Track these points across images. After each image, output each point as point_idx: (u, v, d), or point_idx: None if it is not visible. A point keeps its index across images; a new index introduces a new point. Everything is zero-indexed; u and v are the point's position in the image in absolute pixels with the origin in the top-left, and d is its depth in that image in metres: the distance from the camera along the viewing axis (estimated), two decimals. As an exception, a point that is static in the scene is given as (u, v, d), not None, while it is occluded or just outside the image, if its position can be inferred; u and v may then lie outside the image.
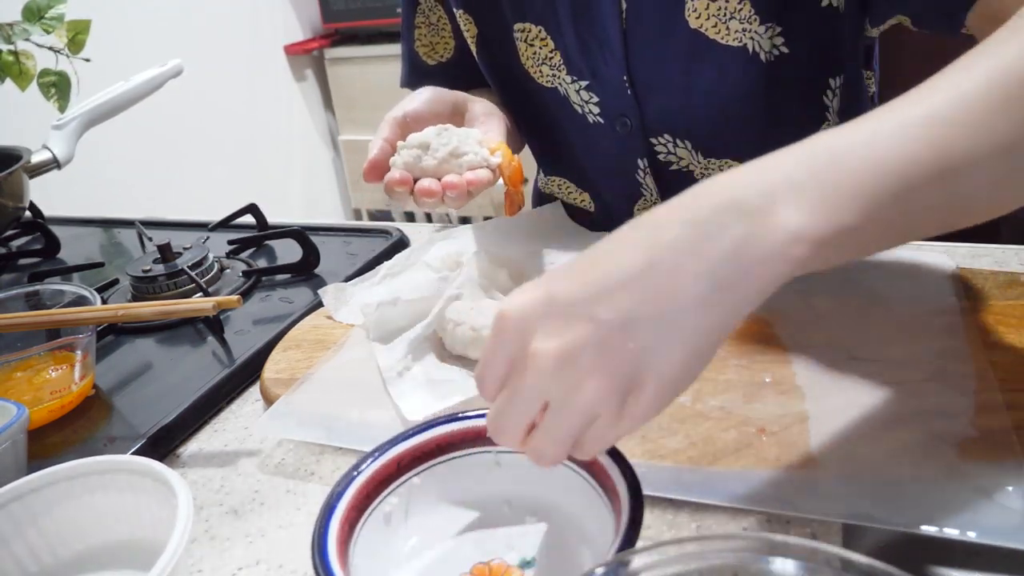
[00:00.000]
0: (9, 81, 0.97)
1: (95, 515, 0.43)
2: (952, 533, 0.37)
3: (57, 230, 0.98)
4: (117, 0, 1.77)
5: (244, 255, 0.85)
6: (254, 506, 0.48)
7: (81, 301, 0.65)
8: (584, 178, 0.78)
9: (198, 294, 0.74)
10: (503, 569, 0.39)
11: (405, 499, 0.41)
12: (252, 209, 0.90)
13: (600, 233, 0.71)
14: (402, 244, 0.83)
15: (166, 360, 0.66)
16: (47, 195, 1.06)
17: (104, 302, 0.69)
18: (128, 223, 1.00)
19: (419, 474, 0.41)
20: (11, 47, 0.96)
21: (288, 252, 0.82)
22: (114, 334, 0.70)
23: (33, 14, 0.96)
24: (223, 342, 0.67)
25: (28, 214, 0.97)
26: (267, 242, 0.86)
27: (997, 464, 0.40)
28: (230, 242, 0.85)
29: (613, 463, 0.37)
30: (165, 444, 0.55)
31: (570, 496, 0.39)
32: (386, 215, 2.48)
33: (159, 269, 0.76)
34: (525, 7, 0.69)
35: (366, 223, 1.00)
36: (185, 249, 0.80)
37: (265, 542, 0.45)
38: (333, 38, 2.38)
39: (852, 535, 0.39)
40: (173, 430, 0.56)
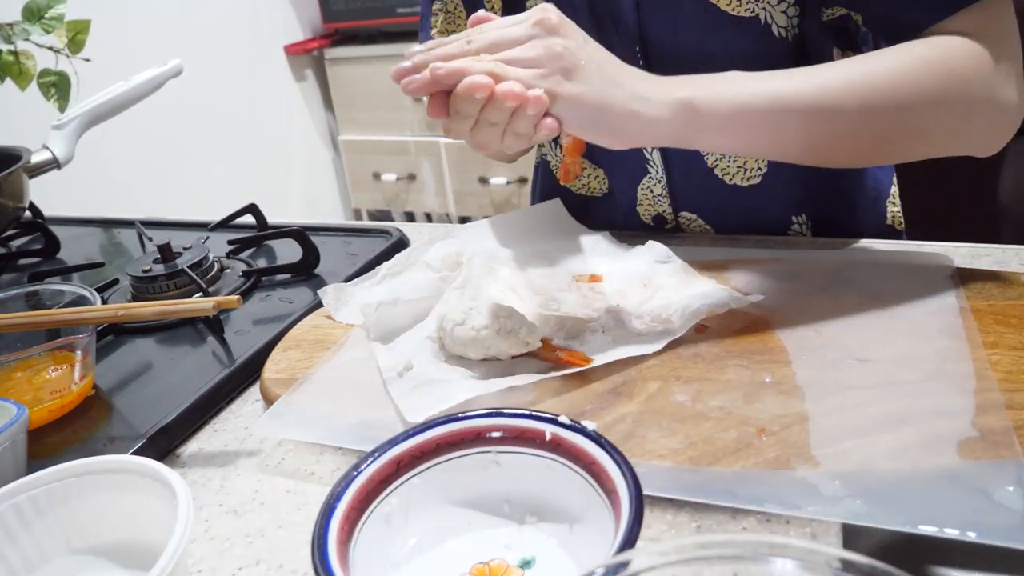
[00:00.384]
0: (9, 81, 0.97)
1: (95, 515, 0.43)
2: (952, 533, 0.37)
3: (57, 230, 0.98)
4: (117, 0, 1.77)
5: (244, 255, 0.85)
6: (254, 506, 0.48)
7: (81, 301, 0.65)
8: (595, 155, 0.80)
9: (198, 294, 0.74)
10: (503, 569, 0.39)
11: (405, 499, 0.41)
12: (252, 209, 0.90)
13: (602, 233, 0.72)
14: (402, 244, 0.83)
15: (166, 360, 0.66)
16: (47, 195, 1.06)
17: (104, 302, 0.69)
18: (128, 223, 1.00)
19: (419, 474, 0.41)
20: (11, 47, 0.96)
21: (288, 252, 0.82)
22: (114, 334, 0.70)
23: (33, 14, 0.96)
24: (223, 342, 0.67)
25: (28, 214, 0.97)
26: (267, 242, 0.86)
27: (997, 464, 0.40)
28: (230, 242, 0.85)
29: (613, 463, 0.37)
30: (165, 444, 0.55)
31: (570, 496, 0.39)
32: (386, 215, 2.48)
33: (159, 269, 0.76)
34: None
35: (366, 223, 1.00)
36: (185, 249, 0.80)
37: (265, 542, 0.45)
38: (333, 38, 2.38)
39: (852, 535, 0.39)
40: (173, 430, 0.56)
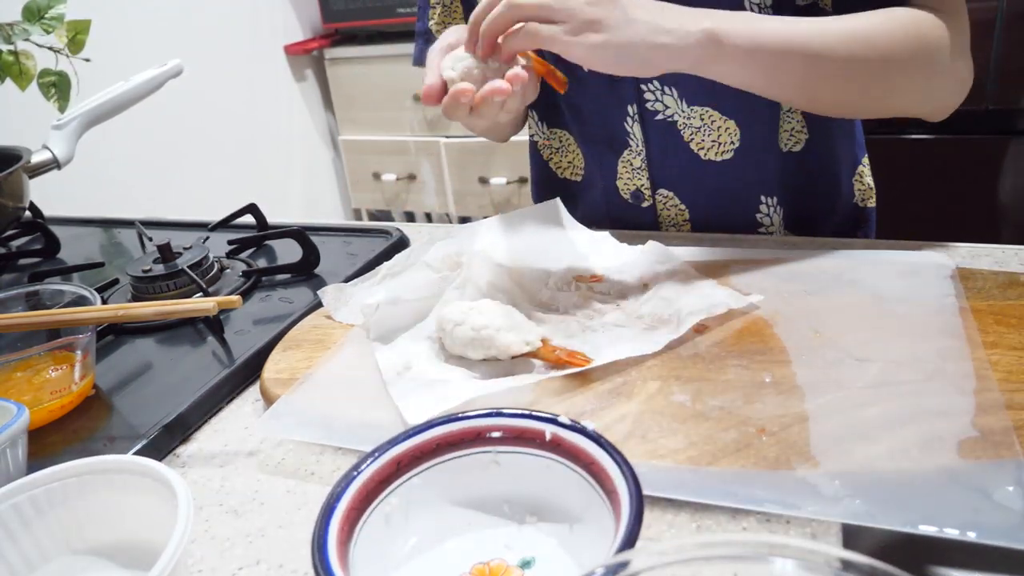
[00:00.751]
0: (9, 81, 0.97)
1: (95, 515, 0.43)
2: (952, 533, 0.37)
3: (57, 230, 0.98)
4: (117, 0, 1.77)
5: (244, 255, 0.85)
6: (254, 506, 0.48)
7: (81, 301, 0.65)
8: (576, 131, 0.83)
9: (198, 294, 0.74)
10: (503, 569, 0.39)
11: (405, 499, 0.41)
12: (252, 209, 0.90)
13: (602, 233, 0.72)
14: (402, 244, 0.83)
15: (166, 360, 0.66)
16: (47, 195, 1.06)
17: (104, 302, 0.69)
18: (128, 223, 1.00)
19: (419, 474, 0.41)
20: (11, 47, 0.96)
21: (288, 252, 0.82)
22: (114, 334, 0.70)
23: (33, 14, 0.96)
24: (223, 342, 0.67)
25: (28, 214, 0.97)
26: (267, 242, 0.87)
27: (997, 464, 0.40)
28: (230, 242, 0.85)
29: (613, 463, 0.37)
30: (165, 444, 0.55)
31: (570, 496, 0.39)
32: (386, 215, 2.48)
33: (159, 269, 0.76)
34: None
35: (366, 223, 1.00)
36: (185, 249, 0.80)
37: (265, 542, 0.45)
38: (333, 38, 2.38)
39: (852, 535, 0.39)
40: (173, 430, 0.56)
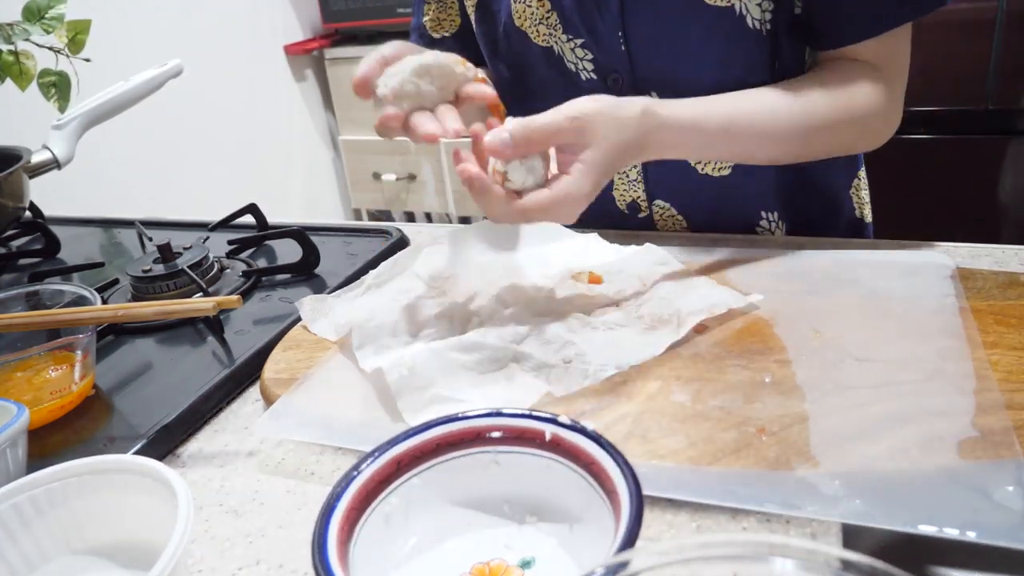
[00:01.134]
0: (9, 81, 0.97)
1: (95, 515, 0.43)
2: (952, 533, 0.37)
3: (57, 230, 0.98)
4: (117, 0, 1.77)
5: (244, 255, 0.85)
6: (254, 506, 0.48)
7: (81, 301, 0.65)
8: None
9: (198, 294, 0.74)
10: (503, 569, 0.39)
11: (405, 499, 0.41)
12: (252, 209, 0.90)
13: (591, 234, 0.72)
14: (402, 244, 0.83)
15: (166, 360, 0.66)
16: (47, 195, 1.06)
17: (104, 302, 0.69)
18: (128, 223, 1.00)
19: (419, 474, 0.41)
20: (11, 47, 0.96)
21: (288, 252, 0.82)
22: (114, 334, 0.70)
23: (33, 14, 0.96)
24: (223, 342, 0.67)
25: (28, 214, 0.97)
26: (267, 242, 0.86)
27: (997, 464, 0.40)
28: (230, 242, 0.85)
29: (613, 463, 0.37)
30: (165, 444, 0.55)
31: (570, 496, 0.39)
32: (386, 215, 2.48)
33: (159, 269, 0.76)
34: None
35: (366, 223, 1.00)
36: (185, 249, 0.80)
37: (265, 542, 0.45)
38: (333, 38, 2.38)
39: (852, 535, 0.39)
40: (173, 430, 0.56)
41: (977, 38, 1.51)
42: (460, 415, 0.42)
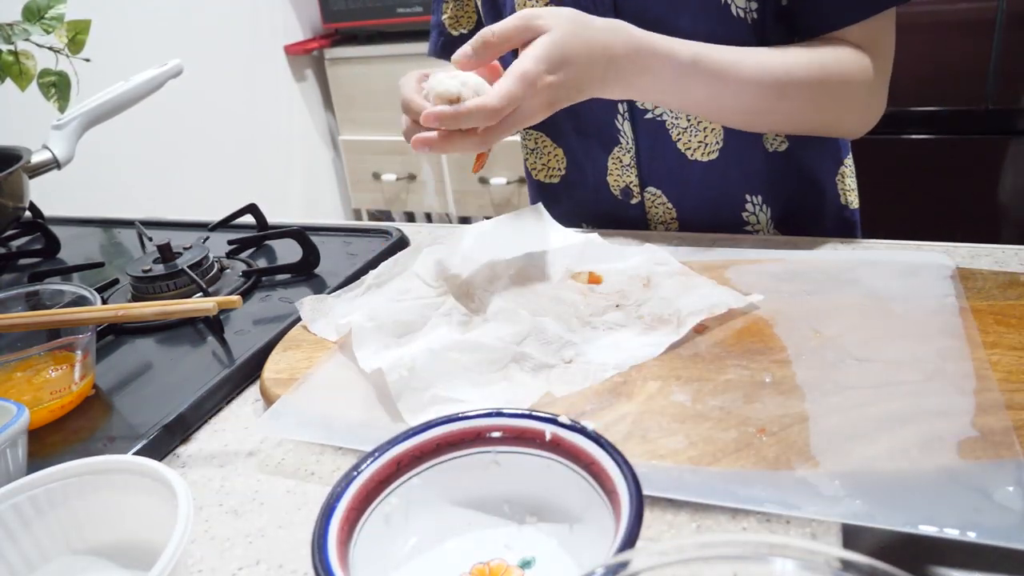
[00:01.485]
0: (9, 81, 0.97)
1: (95, 515, 0.43)
2: (952, 533, 0.37)
3: (57, 230, 0.98)
4: (117, 0, 1.77)
5: (244, 255, 0.85)
6: (254, 506, 0.48)
7: (81, 301, 0.65)
8: (561, 132, 0.83)
9: (198, 294, 0.74)
10: (503, 569, 0.39)
11: (405, 499, 0.41)
12: (252, 209, 0.90)
13: (591, 234, 0.72)
14: (402, 244, 0.83)
15: (166, 360, 0.66)
16: (47, 195, 1.06)
17: (104, 302, 0.69)
18: (128, 223, 1.00)
19: (419, 474, 0.41)
20: (11, 47, 0.96)
21: (288, 252, 0.82)
22: (114, 334, 0.70)
23: (33, 14, 0.96)
24: (223, 342, 0.67)
25: (28, 214, 0.97)
26: (267, 242, 0.86)
27: (997, 464, 0.40)
28: (230, 242, 0.85)
29: (613, 463, 0.37)
30: (165, 444, 0.55)
31: (570, 496, 0.39)
32: (386, 215, 2.48)
33: (159, 269, 0.76)
34: None
35: (366, 223, 1.00)
36: (185, 249, 0.80)
37: (265, 542, 0.45)
38: (333, 38, 2.38)
39: (852, 535, 0.39)
40: (173, 430, 0.56)
41: (977, 38, 1.51)
42: (460, 415, 0.42)
